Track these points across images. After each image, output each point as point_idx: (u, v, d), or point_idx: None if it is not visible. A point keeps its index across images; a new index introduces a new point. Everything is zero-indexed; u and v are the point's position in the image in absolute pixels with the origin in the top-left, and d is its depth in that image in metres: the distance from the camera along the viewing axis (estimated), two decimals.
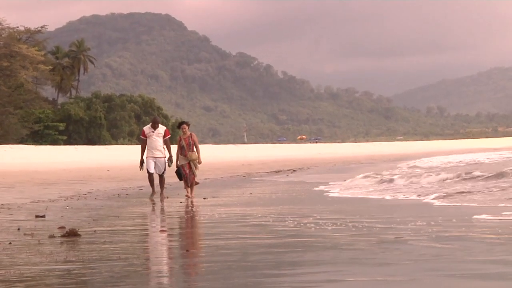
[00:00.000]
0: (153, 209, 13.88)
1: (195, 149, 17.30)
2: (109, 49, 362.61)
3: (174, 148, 17.75)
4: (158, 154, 17.54)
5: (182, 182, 17.41)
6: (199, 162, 17.39)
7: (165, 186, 17.66)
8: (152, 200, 16.13)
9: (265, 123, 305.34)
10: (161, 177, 17.56)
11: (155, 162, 17.50)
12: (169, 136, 17.92)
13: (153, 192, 17.12)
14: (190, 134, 17.33)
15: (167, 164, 17.62)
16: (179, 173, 17.38)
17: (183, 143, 17.21)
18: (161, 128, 17.79)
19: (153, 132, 17.60)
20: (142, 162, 17.63)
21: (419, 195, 14.65)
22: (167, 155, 17.64)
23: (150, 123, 17.87)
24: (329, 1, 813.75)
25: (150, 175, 17.42)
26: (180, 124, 17.52)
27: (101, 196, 17.40)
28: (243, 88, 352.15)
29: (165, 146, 17.73)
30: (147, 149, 17.60)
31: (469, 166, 29.14)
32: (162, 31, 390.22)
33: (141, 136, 18.07)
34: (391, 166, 34.00)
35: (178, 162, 17.33)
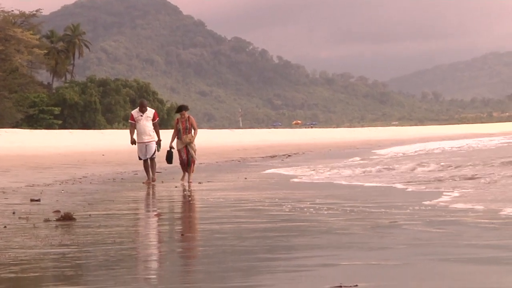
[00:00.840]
0: (148, 194, 13.89)
1: (192, 132, 16.98)
2: (104, 33, 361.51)
3: (166, 132, 17.63)
4: (147, 138, 17.12)
5: (178, 166, 17.17)
6: (191, 141, 16.87)
7: (159, 171, 17.53)
8: (146, 184, 16.03)
9: (260, 108, 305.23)
10: (152, 160, 17.16)
11: (145, 147, 17.15)
12: (158, 119, 17.51)
13: (148, 178, 16.82)
14: (188, 117, 17.00)
15: (156, 148, 17.21)
16: (170, 156, 17.21)
17: (180, 126, 16.88)
18: (150, 111, 17.33)
19: (141, 116, 17.14)
20: (133, 141, 17.24)
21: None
22: (156, 139, 17.24)
23: (138, 107, 17.45)
24: None
25: (145, 162, 17.09)
26: (180, 109, 17.22)
27: (96, 181, 17.39)
28: (238, 73, 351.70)
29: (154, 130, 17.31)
30: (137, 133, 17.21)
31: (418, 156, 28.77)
32: (158, 15, 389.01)
33: (130, 121, 17.57)
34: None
35: (174, 145, 17.02)
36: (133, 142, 17.30)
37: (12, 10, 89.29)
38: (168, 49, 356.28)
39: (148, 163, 17.11)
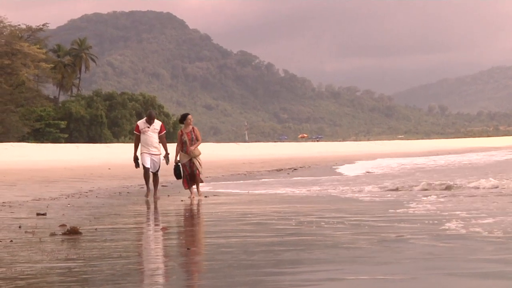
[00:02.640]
0: (154, 208, 13.87)
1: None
2: (110, 47, 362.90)
3: (171, 145, 17.52)
4: (154, 150, 16.48)
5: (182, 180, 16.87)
6: (198, 153, 16.24)
7: (166, 184, 17.44)
8: (147, 199, 15.55)
9: (266, 121, 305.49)
10: (155, 175, 16.56)
11: (151, 157, 16.51)
12: (165, 131, 16.86)
13: (148, 190, 16.34)
14: (193, 128, 16.39)
15: (163, 161, 16.61)
16: (178, 171, 16.36)
17: (185, 138, 16.21)
18: (157, 124, 16.66)
19: (148, 127, 16.48)
20: (136, 159, 16.77)
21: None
22: (163, 153, 16.60)
23: (145, 118, 16.73)
24: None
25: (147, 171, 16.42)
26: (185, 116, 16.57)
27: (102, 194, 17.38)
28: (244, 86, 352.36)
29: (161, 143, 16.67)
30: (142, 145, 16.53)
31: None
32: (164, 29, 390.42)
33: (135, 132, 16.88)
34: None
35: (178, 159, 16.37)
36: (136, 159, 16.82)
37: (19, 25, 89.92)
38: (174, 63, 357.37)
39: (150, 173, 16.53)
